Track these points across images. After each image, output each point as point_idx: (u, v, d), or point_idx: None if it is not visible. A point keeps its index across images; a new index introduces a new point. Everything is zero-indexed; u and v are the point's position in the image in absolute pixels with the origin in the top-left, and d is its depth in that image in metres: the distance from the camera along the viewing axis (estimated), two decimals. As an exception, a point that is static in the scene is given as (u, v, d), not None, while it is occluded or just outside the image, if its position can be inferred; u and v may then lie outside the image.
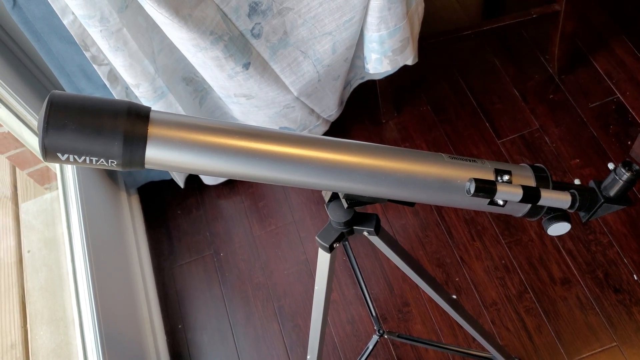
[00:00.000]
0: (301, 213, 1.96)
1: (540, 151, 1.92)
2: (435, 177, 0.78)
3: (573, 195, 0.80)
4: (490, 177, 0.80)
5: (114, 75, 1.50)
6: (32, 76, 1.69)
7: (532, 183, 0.82)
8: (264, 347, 1.75)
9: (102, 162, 0.67)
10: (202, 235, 1.98)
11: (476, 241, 1.80)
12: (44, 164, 1.81)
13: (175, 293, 1.89)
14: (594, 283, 1.68)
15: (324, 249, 0.94)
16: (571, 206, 0.80)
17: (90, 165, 0.67)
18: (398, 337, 1.56)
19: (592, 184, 0.86)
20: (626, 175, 0.81)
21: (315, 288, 1.04)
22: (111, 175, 1.98)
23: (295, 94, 1.58)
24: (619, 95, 1.98)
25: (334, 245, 0.94)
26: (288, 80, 1.54)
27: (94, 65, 1.46)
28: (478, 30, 1.96)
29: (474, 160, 0.81)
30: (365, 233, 0.94)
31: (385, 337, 1.56)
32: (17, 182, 1.97)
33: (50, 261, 1.72)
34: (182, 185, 1.99)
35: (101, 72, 1.48)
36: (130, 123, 0.66)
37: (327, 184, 0.77)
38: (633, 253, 1.70)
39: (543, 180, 0.83)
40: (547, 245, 1.76)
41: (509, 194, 0.74)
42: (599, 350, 1.59)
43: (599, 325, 1.62)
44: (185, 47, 1.35)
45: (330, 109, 1.82)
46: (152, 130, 0.67)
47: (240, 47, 1.37)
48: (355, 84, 1.91)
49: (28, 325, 1.61)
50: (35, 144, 1.68)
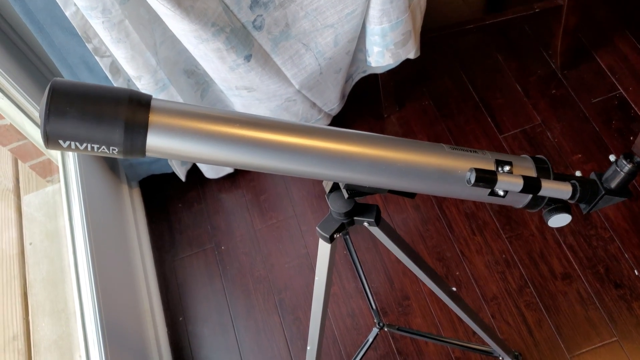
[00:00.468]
0: (302, 207, 1.97)
1: (542, 146, 1.92)
2: (436, 167, 0.79)
3: (574, 186, 0.80)
4: (491, 167, 0.80)
5: (115, 67, 1.50)
6: (35, 68, 1.69)
7: (533, 174, 0.82)
8: (265, 340, 1.75)
9: (104, 149, 0.67)
10: (203, 228, 1.98)
11: (477, 235, 1.80)
12: (46, 156, 1.82)
13: (177, 286, 1.89)
14: (595, 278, 1.68)
15: (324, 239, 0.94)
16: (572, 197, 0.80)
17: (92, 153, 0.68)
18: (398, 330, 1.57)
19: (593, 175, 0.86)
20: (627, 167, 0.81)
21: (316, 279, 1.04)
22: (113, 168, 1.98)
23: (297, 86, 1.58)
24: (621, 90, 1.98)
25: (335, 236, 0.94)
26: (290, 73, 1.53)
27: (96, 57, 1.46)
28: (480, 25, 1.96)
29: (475, 151, 0.81)
30: (366, 224, 0.94)
31: (385, 330, 1.56)
32: (19, 175, 1.97)
33: (52, 253, 1.73)
34: (183, 178, 1.99)
35: (103, 64, 1.48)
36: (131, 111, 0.66)
37: (327, 173, 0.77)
38: (634, 248, 1.70)
39: (544, 172, 0.83)
40: (548, 240, 1.76)
41: (509, 184, 0.74)
42: (599, 345, 1.59)
43: (599, 320, 1.62)
44: (187, 38, 1.35)
45: (332, 103, 1.82)
46: (153, 118, 0.67)
47: (242, 39, 1.36)
48: (357, 78, 1.91)
49: (30, 317, 1.62)
50: (37, 136, 1.69)
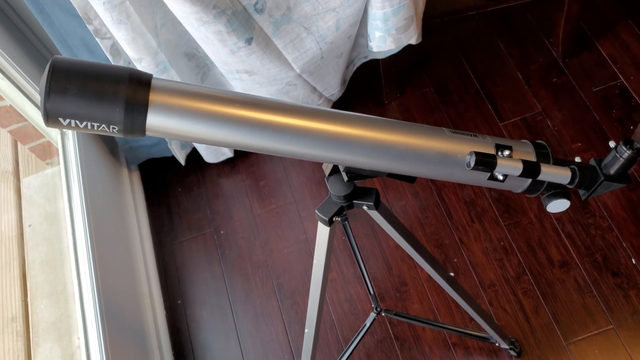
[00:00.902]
0: (302, 193, 1.97)
1: (542, 134, 1.92)
2: (436, 151, 0.79)
3: (573, 171, 0.80)
4: (491, 151, 0.80)
5: (116, 49, 1.50)
6: (35, 49, 1.68)
7: (532, 158, 0.82)
8: (263, 324, 1.76)
9: (104, 127, 0.67)
10: (202, 212, 1.99)
11: (475, 223, 1.81)
12: (45, 138, 1.81)
13: (175, 269, 1.90)
14: (592, 266, 1.69)
15: (323, 222, 0.95)
16: (571, 182, 0.80)
17: (92, 132, 0.68)
18: (395, 315, 1.57)
19: (592, 161, 0.86)
20: (627, 153, 0.81)
21: (314, 262, 1.05)
22: (113, 152, 1.98)
23: (298, 71, 1.58)
24: (622, 79, 1.97)
25: (333, 219, 0.94)
26: (291, 57, 1.53)
27: (96, 39, 1.45)
28: (483, 11, 1.94)
29: (475, 135, 0.82)
30: (365, 207, 0.94)
31: (383, 315, 1.57)
32: (19, 157, 1.97)
33: (51, 235, 1.73)
34: (183, 162, 1.99)
35: (104, 45, 1.47)
36: (132, 89, 0.66)
37: (327, 155, 0.77)
38: (632, 237, 1.71)
39: (544, 156, 0.83)
40: (547, 228, 1.76)
41: (509, 168, 0.74)
42: (595, 332, 1.60)
43: (595, 308, 1.63)
44: (188, 20, 1.34)
45: (333, 88, 1.81)
46: (153, 97, 0.67)
47: (243, 21, 1.36)
48: (358, 63, 1.90)
49: (29, 299, 1.62)
50: (37, 118, 1.68)
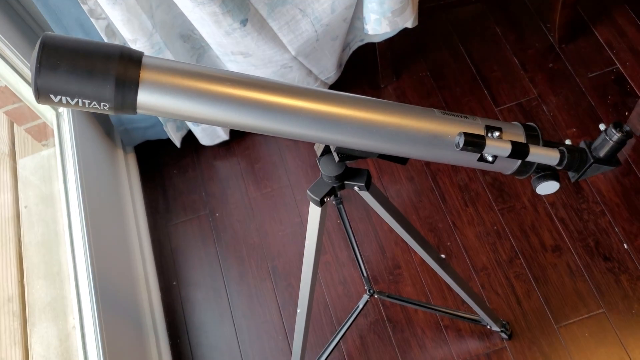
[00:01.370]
0: (297, 176, 1.97)
1: (538, 120, 1.93)
2: (426, 132, 0.79)
3: (562, 153, 0.81)
4: (481, 132, 0.80)
5: (111, 30, 1.49)
6: (30, 30, 1.67)
7: (522, 140, 0.82)
8: (257, 305, 1.77)
9: (95, 105, 0.67)
10: (197, 195, 1.99)
11: (469, 207, 1.82)
12: (41, 120, 1.81)
13: (170, 251, 1.91)
14: (585, 251, 1.70)
15: (315, 202, 0.95)
16: (559, 163, 0.81)
17: (83, 109, 0.68)
18: (388, 297, 1.59)
19: (582, 144, 0.86)
20: (617, 135, 0.82)
21: (306, 242, 1.05)
22: (108, 133, 1.98)
23: (293, 53, 1.58)
24: (618, 65, 1.98)
25: (325, 200, 0.95)
26: (286, 39, 1.53)
27: (91, 19, 1.45)
28: (480, -4, 1.95)
29: (466, 117, 0.82)
30: (356, 188, 0.95)
31: (376, 296, 1.58)
32: (15, 138, 1.97)
33: (47, 217, 1.73)
34: (178, 144, 1.99)
35: (98, 26, 1.47)
36: (122, 66, 0.66)
37: (318, 135, 0.77)
38: (624, 222, 1.72)
39: (533, 138, 0.83)
40: (540, 213, 1.77)
41: (497, 149, 0.75)
42: (586, 316, 1.62)
43: (587, 292, 1.65)
44: (183, 2, 1.34)
45: (329, 71, 1.81)
46: (144, 74, 0.67)
47: (237, 3, 1.36)
48: (354, 47, 1.90)
49: (24, 279, 1.63)
50: (32, 99, 1.68)
